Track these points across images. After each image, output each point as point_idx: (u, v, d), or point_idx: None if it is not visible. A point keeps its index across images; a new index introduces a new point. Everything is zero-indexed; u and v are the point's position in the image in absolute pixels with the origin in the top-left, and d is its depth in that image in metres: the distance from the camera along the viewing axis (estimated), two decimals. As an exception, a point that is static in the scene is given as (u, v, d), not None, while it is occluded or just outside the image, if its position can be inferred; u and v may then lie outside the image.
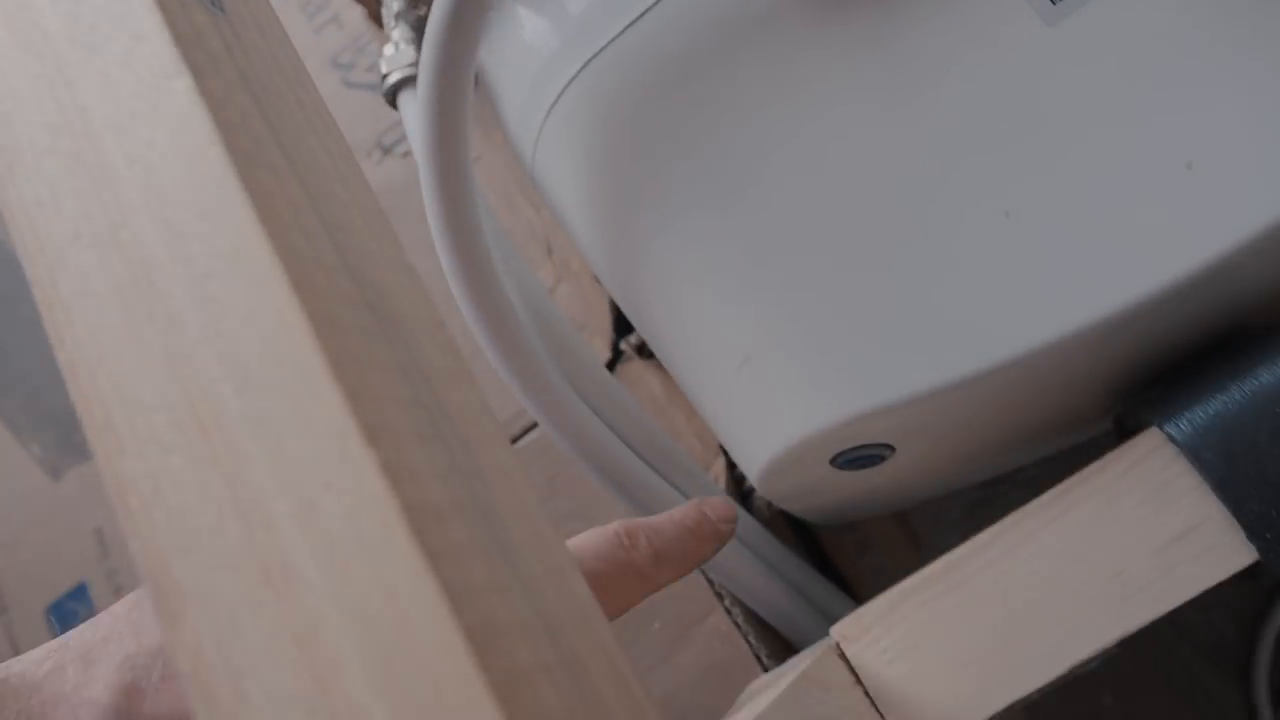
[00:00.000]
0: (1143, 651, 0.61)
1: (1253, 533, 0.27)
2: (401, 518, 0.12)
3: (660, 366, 0.45)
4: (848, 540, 0.63)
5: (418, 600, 0.12)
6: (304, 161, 0.16)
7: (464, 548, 0.13)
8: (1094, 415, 0.33)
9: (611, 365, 0.47)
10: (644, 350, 0.45)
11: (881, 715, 0.29)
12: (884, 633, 0.30)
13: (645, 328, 0.36)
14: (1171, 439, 0.28)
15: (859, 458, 0.31)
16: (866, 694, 0.29)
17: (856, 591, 0.52)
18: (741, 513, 0.40)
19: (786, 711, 0.21)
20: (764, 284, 0.30)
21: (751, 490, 0.42)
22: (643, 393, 0.46)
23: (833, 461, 0.31)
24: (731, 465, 0.43)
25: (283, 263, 0.14)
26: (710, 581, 0.40)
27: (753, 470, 0.32)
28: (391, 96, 0.39)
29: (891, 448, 0.31)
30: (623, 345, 0.45)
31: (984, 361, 0.28)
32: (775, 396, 0.30)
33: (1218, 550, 0.27)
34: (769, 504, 0.41)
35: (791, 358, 0.29)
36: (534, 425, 0.51)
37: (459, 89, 0.29)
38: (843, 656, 0.30)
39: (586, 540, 0.28)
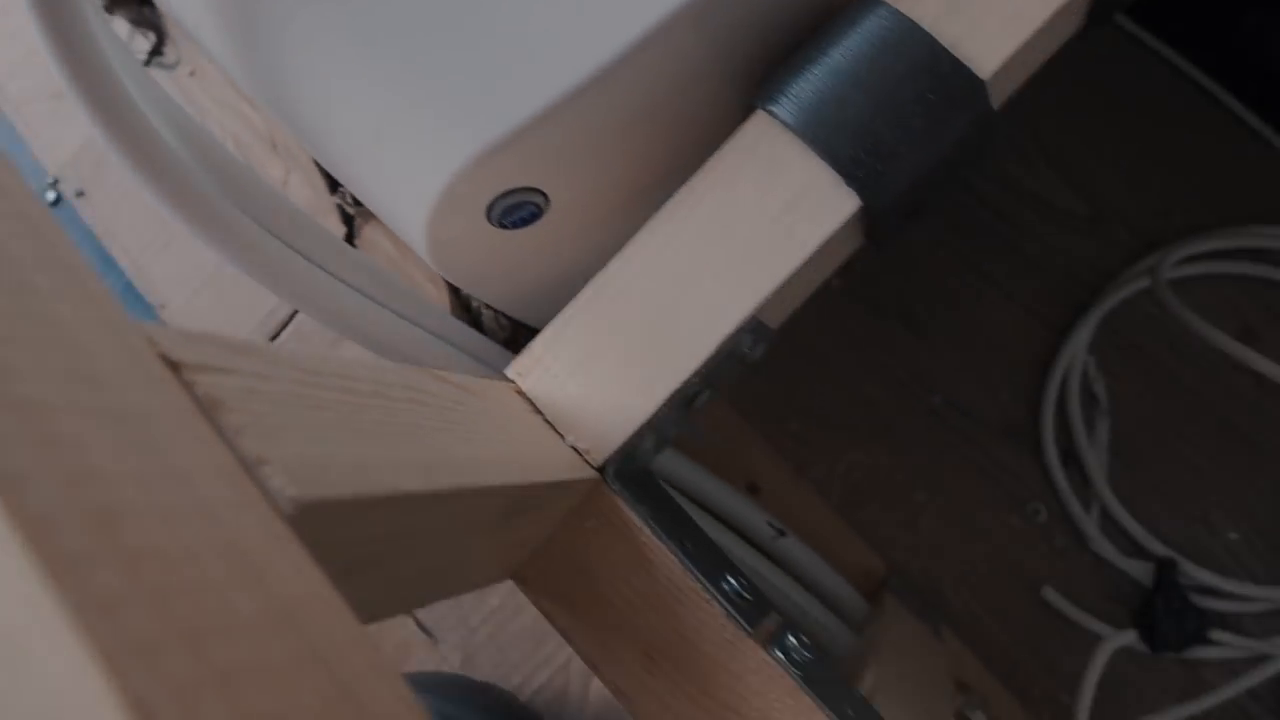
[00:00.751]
0: (947, 447, 0.64)
1: (850, 177, 0.28)
2: None
3: (388, 228, 0.45)
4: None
5: None
6: None
7: None
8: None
9: (350, 239, 0.47)
10: (358, 201, 0.45)
11: (561, 435, 0.30)
12: (553, 359, 0.30)
13: (316, 149, 0.36)
14: (774, 116, 0.29)
15: (514, 207, 0.32)
16: (546, 420, 0.30)
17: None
18: (472, 333, 0.40)
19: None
20: (374, 51, 0.30)
21: (480, 309, 0.43)
22: (379, 255, 0.46)
23: (491, 218, 0.32)
24: (455, 290, 0.43)
25: None
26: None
27: (421, 245, 0.33)
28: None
29: (543, 194, 0.32)
30: (337, 201, 0.45)
31: (585, 69, 0.28)
32: (411, 160, 0.31)
33: (826, 203, 0.29)
34: (498, 318, 0.42)
35: (411, 115, 0.30)
36: (294, 314, 0.51)
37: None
38: (521, 393, 0.30)
39: None
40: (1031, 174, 0.64)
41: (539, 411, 0.30)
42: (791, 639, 0.30)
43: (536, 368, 0.31)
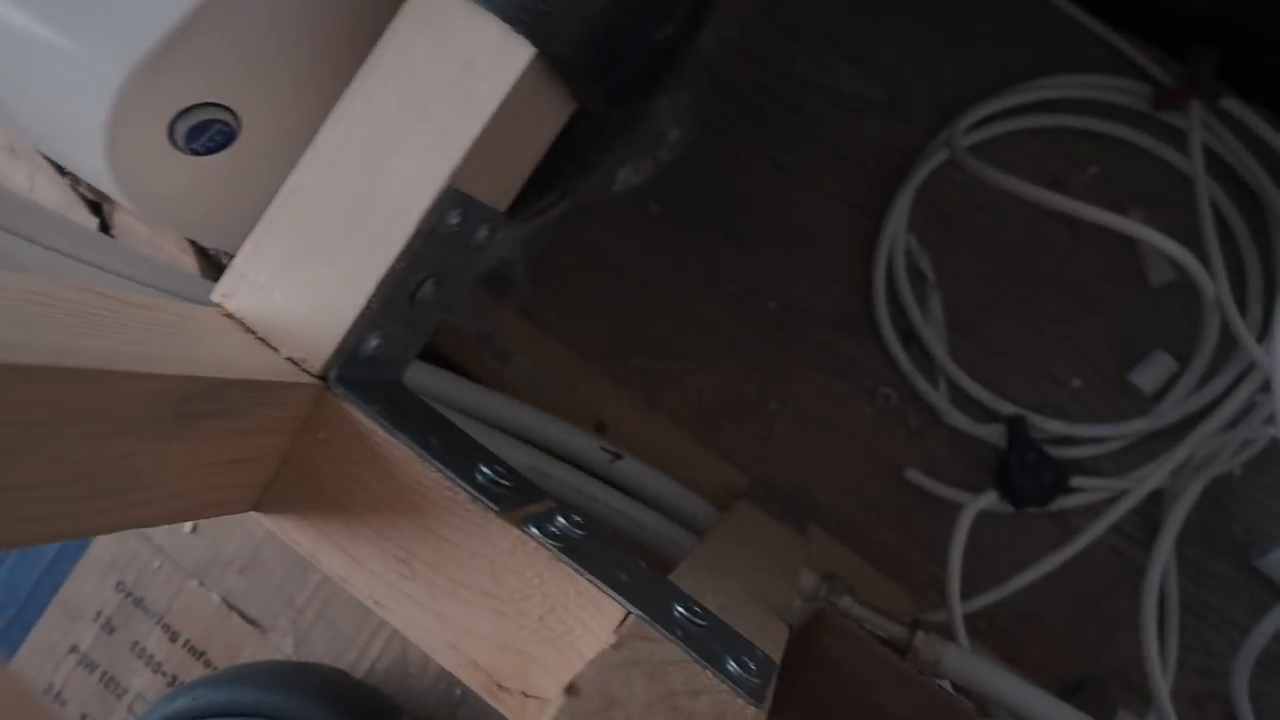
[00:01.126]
0: (789, 351, 0.63)
1: (517, 23, 0.27)
2: None
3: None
4: (485, 357, 0.62)
5: None
6: None
7: None
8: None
9: (105, 228, 0.45)
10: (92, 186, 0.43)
11: (275, 349, 0.28)
12: (256, 273, 0.29)
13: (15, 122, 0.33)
14: (434, -21, 0.28)
15: (199, 128, 0.30)
16: (258, 337, 0.28)
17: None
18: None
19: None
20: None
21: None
22: (134, 236, 0.44)
23: (177, 143, 0.30)
24: (202, 251, 0.41)
25: None
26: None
27: (112, 187, 0.31)
28: None
29: (228, 109, 0.30)
30: (68, 183, 0.43)
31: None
32: (73, 99, 0.29)
33: (500, 58, 0.28)
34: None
35: (61, 51, 0.28)
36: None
37: None
38: (230, 315, 0.29)
39: None
40: (822, 66, 0.64)
41: (250, 330, 0.28)
42: (561, 519, 0.29)
43: (241, 285, 0.29)
